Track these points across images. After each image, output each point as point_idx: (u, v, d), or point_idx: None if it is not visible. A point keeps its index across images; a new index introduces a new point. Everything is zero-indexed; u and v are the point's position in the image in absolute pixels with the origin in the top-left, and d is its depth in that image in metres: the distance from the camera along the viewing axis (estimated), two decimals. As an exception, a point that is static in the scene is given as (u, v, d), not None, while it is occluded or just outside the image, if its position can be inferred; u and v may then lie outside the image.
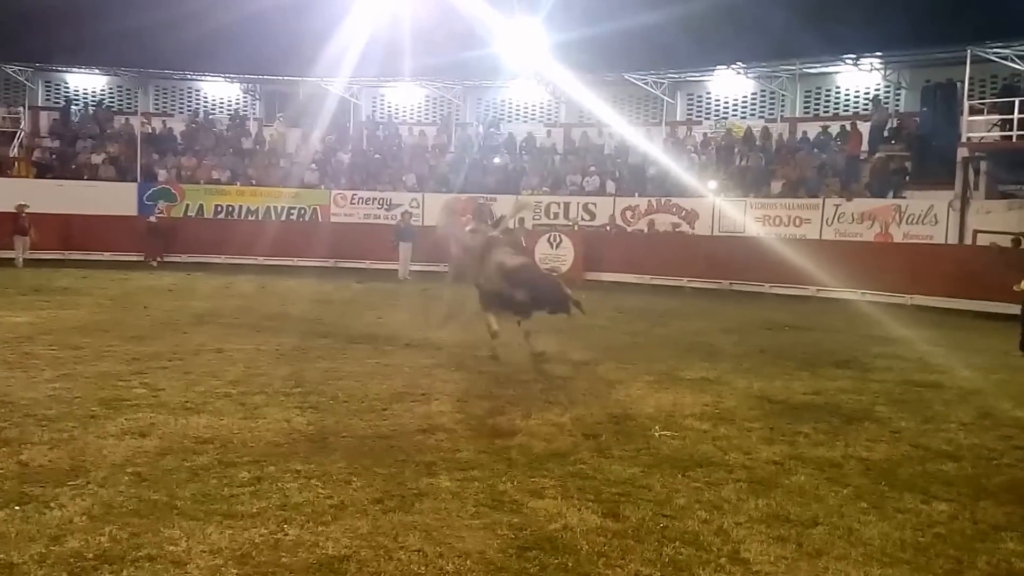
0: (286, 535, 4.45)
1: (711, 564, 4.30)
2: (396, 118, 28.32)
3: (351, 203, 24.18)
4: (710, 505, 5.11)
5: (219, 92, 28.58)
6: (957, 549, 4.59)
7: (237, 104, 28.59)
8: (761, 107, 24.41)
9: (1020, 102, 17.64)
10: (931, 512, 5.13)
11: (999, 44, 18.91)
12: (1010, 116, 17.71)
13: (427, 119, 28.16)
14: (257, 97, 28.55)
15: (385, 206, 23.76)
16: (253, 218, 24.06)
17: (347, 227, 23.03)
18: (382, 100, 28.56)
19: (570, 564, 4.24)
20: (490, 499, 5.06)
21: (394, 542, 4.41)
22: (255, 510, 4.75)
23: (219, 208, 24.34)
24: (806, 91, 23.77)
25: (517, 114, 27.41)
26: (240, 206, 24.33)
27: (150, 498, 4.89)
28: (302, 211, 24.26)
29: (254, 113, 28.56)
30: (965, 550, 4.58)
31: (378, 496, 5.05)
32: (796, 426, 7.08)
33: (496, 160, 25.67)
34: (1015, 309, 15.17)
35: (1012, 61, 19.07)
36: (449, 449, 6.10)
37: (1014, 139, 17.78)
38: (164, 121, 27.65)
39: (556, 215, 22.71)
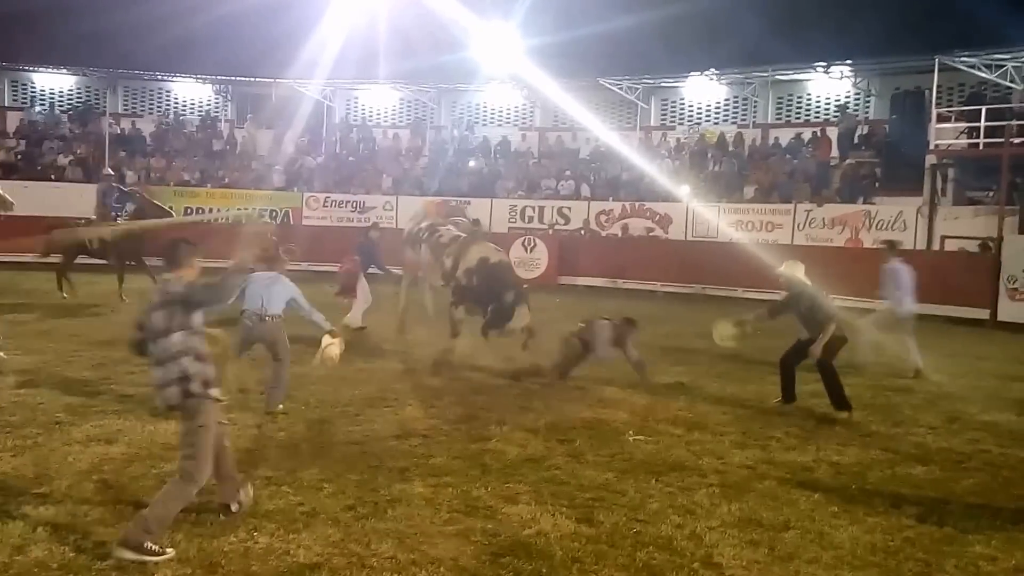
0: (256, 543, 4.40)
1: (684, 569, 4.31)
2: (370, 121, 28.18)
3: (324, 206, 24.02)
4: (683, 510, 5.13)
5: (190, 93, 28.26)
6: (926, 552, 4.65)
7: (208, 105, 28.29)
8: (734, 113, 24.61)
9: (987, 110, 17.90)
10: (900, 516, 5.18)
11: (967, 53, 19.23)
12: (977, 124, 17.96)
13: (401, 122, 28.04)
14: (229, 99, 28.26)
15: (358, 209, 23.61)
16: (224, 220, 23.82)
17: (320, 230, 22.84)
18: (356, 103, 28.41)
19: (544, 570, 4.23)
20: (464, 505, 5.04)
21: (367, 549, 4.37)
22: (224, 517, 4.69)
23: (189, 210, 24.04)
24: (778, 97, 24.00)
25: (492, 118, 27.39)
26: (210, 208, 24.06)
27: (117, 506, 4.81)
28: (274, 214, 24.04)
29: (226, 115, 28.28)
30: (933, 553, 4.63)
31: (350, 503, 5.01)
32: (768, 430, 7.13)
33: (471, 163, 25.62)
34: (983, 314, 15.52)
35: (979, 70, 19.41)
36: (423, 455, 6.07)
37: (981, 147, 18.03)
38: (133, 122, 27.27)
39: (531, 219, 22.71)
